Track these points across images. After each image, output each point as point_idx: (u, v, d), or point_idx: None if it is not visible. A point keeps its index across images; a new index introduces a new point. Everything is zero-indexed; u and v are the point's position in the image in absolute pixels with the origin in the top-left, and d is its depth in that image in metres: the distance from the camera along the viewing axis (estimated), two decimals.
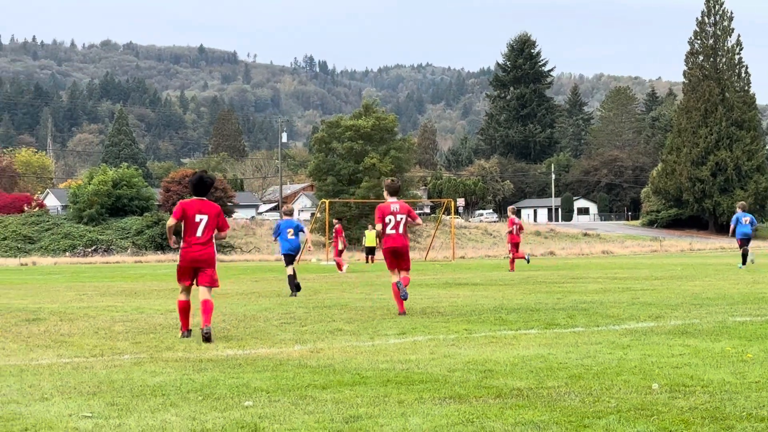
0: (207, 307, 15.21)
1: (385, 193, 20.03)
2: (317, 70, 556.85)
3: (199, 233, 15.53)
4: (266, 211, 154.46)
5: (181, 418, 8.46)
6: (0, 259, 79.72)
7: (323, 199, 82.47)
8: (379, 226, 19.58)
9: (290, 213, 29.03)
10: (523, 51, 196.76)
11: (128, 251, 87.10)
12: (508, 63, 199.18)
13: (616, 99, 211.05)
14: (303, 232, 28.19)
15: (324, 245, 77.98)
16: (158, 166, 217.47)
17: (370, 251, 63.90)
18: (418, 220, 20.03)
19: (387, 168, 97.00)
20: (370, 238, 63.97)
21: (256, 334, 15.84)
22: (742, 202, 41.95)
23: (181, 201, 16.03)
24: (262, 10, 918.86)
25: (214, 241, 15.80)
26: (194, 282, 15.65)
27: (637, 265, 48.47)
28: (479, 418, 8.17)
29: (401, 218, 19.42)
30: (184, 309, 15.68)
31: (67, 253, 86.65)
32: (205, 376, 10.90)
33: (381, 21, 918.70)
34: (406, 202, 20.04)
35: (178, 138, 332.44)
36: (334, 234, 50.55)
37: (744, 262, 39.35)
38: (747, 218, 39.79)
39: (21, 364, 12.45)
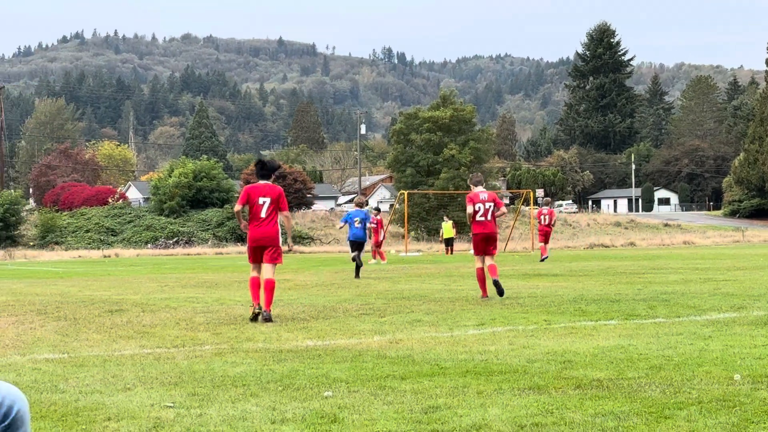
0: (269, 287, 16.83)
1: (471, 186, 21.54)
2: (396, 61, 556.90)
3: (263, 214, 17.06)
4: (345, 203, 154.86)
5: (262, 408, 8.52)
6: (83, 251, 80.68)
7: (402, 191, 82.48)
8: (470, 208, 21.07)
9: (361, 204, 33.03)
10: (602, 40, 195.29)
11: (209, 243, 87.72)
12: (587, 52, 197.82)
13: (697, 88, 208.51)
14: (369, 223, 32.96)
15: (403, 236, 78.00)
16: (238, 158, 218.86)
17: (449, 242, 64.07)
18: (503, 209, 21.36)
19: (466, 159, 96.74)
20: (447, 229, 64.18)
21: (335, 324, 15.91)
22: None
23: (245, 186, 17.64)
24: (340, 1, 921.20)
25: (278, 221, 17.25)
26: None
27: (718, 256, 47.99)
28: (558, 409, 8.14)
29: (489, 206, 20.99)
30: (255, 285, 17.03)
31: (149, 245, 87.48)
32: (285, 367, 10.96)
33: (459, 11, 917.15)
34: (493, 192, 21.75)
35: (258, 130, 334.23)
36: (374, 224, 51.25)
37: None
38: None
39: (104, 354, 12.60)
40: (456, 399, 8.70)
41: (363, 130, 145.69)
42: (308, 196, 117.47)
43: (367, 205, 35.62)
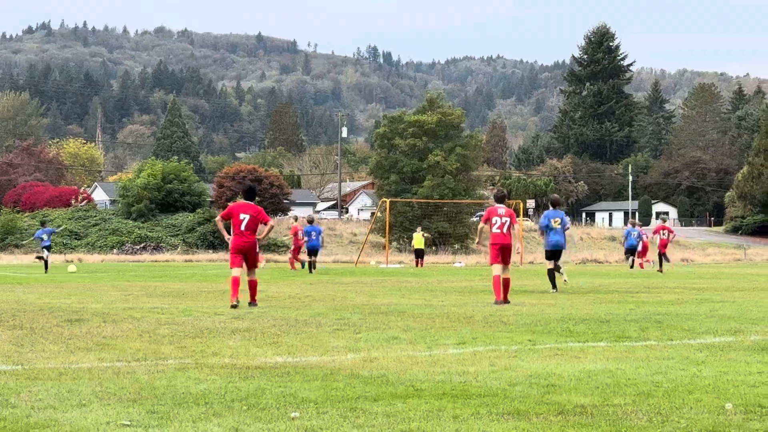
0: (252, 285, 23.20)
1: (492, 200, 26.11)
2: (381, 61, 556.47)
3: (243, 227, 22.72)
4: (324, 210, 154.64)
5: (224, 428, 8.50)
6: None
7: (384, 198, 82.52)
8: (481, 224, 25.85)
9: (312, 221, 51.09)
10: (601, 44, 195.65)
11: (178, 249, 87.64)
12: (584, 56, 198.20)
13: (699, 96, 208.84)
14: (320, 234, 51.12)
15: (384, 247, 78.06)
16: (212, 160, 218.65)
17: (419, 254, 64.79)
18: (517, 226, 25.70)
19: (452, 166, 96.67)
20: (418, 240, 64.94)
21: (307, 340, 15.87)
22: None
23: (230, 204, 23.73)
24: None
25: (256, 233, 23.11)
26: (244, 265, 22.97)
27: (717, 275, 48.12)
28: None
29: (506, 221, 24.96)
30: (236, 283, 22.58)
31: (115, 250, 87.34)
32: (251, 385, 10.95)
33: (449, 10, 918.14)
34: (510, 208, 25.94)
35: (233, 131, 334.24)
36: (291, 233, 53.51)
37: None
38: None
39: (60, 367, 12.55)
40: (430, 423, 8.69)
41: (344, 134, 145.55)
42: (285, 201, 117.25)
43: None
